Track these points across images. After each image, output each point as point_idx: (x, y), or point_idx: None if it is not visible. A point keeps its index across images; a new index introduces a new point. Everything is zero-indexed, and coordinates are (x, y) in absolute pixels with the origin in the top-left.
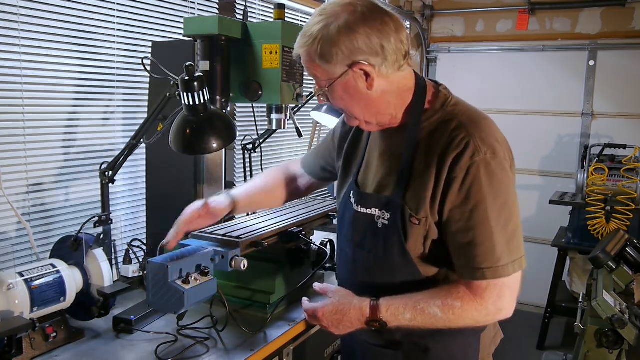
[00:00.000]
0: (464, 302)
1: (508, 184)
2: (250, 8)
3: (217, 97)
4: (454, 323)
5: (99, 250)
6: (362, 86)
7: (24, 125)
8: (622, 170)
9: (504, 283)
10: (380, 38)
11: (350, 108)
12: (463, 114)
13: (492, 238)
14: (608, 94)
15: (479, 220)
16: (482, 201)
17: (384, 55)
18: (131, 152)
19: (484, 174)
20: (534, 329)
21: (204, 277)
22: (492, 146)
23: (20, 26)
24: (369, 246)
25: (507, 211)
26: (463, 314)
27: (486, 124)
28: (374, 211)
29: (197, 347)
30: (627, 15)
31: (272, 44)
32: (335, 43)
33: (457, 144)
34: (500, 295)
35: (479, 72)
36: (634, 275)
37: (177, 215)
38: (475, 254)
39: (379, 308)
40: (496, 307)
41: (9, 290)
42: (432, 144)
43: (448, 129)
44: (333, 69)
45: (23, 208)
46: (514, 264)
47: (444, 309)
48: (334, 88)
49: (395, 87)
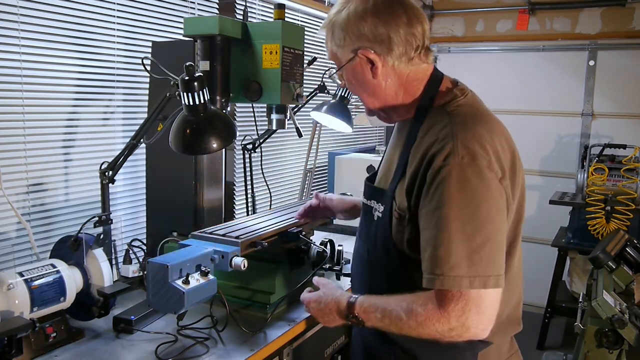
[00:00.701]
0: (427, 310)
1: (484, 193)
2: (250, 8)
3: (217, 97)
4: (418, 331)
5: (99, 250)
6: (368, 73)
7: (24, 125)
8: (622, 170)
9: (469, 298)
10: (388, 29)
11: (359, 94)
12: (459, 116)
13: (448, 245)
14: (608, 94)
15: (439, 224)
16: (446, 205)
17: (389, 45)
18: (131, 152)
19: (455, 179)
20: (534, 329)
21: (204, 277)
22: (473, 152)
23: (20, 26)
24: (365, 237)
25: (477, 222)
26: (426, 323)
27: (479, 129)
28: (372, 203)
29: (197, 347)
30: (627, 15)
31: (272, 44)
32: (344, 28)
33: (438, 143)
34: (465, 310)
35: (479, 72)
36: (634, 275)
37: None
38: (430, 258)
39: (355, 304)
40: (460, 323)
41: (9, 290)
42: (423, 141)
43: (438, 128)
44: (343, 53)
45: (23, 208)
46: (474, 280)
47: (408, 314)
48: (345, 72)
49: (404, 79)
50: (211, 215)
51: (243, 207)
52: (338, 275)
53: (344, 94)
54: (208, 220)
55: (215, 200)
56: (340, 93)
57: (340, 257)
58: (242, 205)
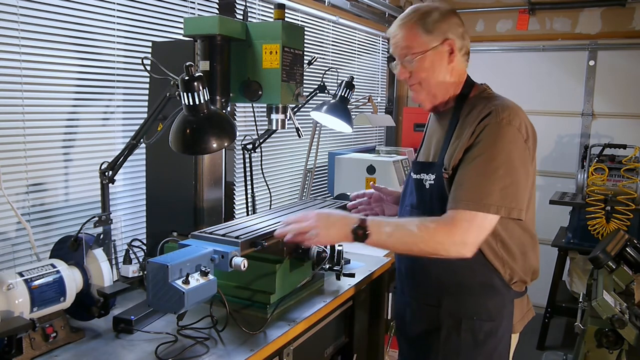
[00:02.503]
0: (438, 225)
1: (515, 147)
2: (250, 8)
3: (217, 97)
4: (425, 243)
5: (99, 250)
6: (445, 61)
7: (24, 125)
8: (622, 170)
9: (476, 220)
10: (462, 29)
11: (428, 80)
12: (494, 98)
13: (484, 181)
14: (608, 94)
15: (478, 165)
16: (485, 153)
17: (463, 42)
18: (131, 152)
19: (496, 132)
20: (534, 329)
21: (204, 277)
22: (510, 117)
23: (20, 26)
24: (419, 205)
25: (508, 167)
26: (434, 235)
27: (513, 107)
28: (422, 175)
29: (197, 347)
30: (627, 15)
31: (272, 44)
32: (438, 20)
33: (484, 112)
34: (469, 229)
35: (479, 72)
36: (634, 275)
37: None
38: (466, 188)
39: (367, 219)
40: (462, 239)
41: (9, 290)
42: (466, 120)
43: (479, 108)
44: (430, 40)
45: (23, 208)
46: (500, 208)
47: (420, 227)
48: (424, 58)
49: (459, 72)
50: (211, 215)
51: (243, 207)
52: (338, 276)
53: (344, 94)
54: (208, 220)
55: (215, 200)
56: (340, 93)
57: (340, 257)
58: (242, 205)
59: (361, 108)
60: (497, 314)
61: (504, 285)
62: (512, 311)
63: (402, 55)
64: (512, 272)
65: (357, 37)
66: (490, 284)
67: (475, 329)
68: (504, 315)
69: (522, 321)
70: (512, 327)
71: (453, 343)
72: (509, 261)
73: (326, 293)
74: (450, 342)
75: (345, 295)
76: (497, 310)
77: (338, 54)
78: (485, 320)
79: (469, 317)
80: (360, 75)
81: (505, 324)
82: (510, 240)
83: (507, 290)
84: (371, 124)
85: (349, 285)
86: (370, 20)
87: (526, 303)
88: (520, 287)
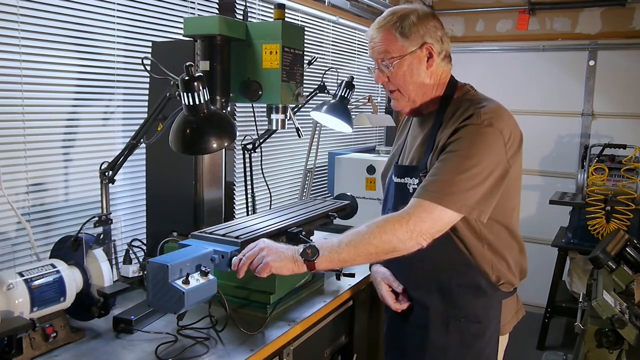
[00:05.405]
0: (391, 217)
1: (494, 150)
2: (250, 8)
3: (217, 97)
4: (377, 238)
5: (99, 250)
6: (423, 66)
7: (24, 125)
8: (622, 170)
9: (434, 212)
10: (441, 33)
11: (406, 85)
12: (478, 99)
13: (451, 175)
14: (608, 94)
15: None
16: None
17: (442, 46)
18: (131, 152)
19: (476, 133)
20: (534, 329)
21: (204, 277)
22: (492, 120)
23: (20, 26)
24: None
25: (481, 167)
26: (386, 226)
27: (496, 109)
28: (406, 179)
29: (197, 347)
30: (627, 15)
31: (272, 44)
32: (415, 24)
33: (466, 114)
34: (424, 218)
35: (479, 72)
36: (634, 275)
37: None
38: (431, 181)
39: (312, 242)
40: (417, 229)
41: (9, 290)
42: (450, 122)
43: (462, 109)
44: (408, 45)
45: (23, 208)
46: (462, 206)
47: (368, 225)
48: (401, 63)
49: (439, 75)
50: (211, 215)
51: (243, 207)
52: (338, 276)
53: (344, 94)
54: (208, 220)
55: (215, 200)
56: (340, 93)
57: None
58: (242, 205)
59: (361, 108)
60: (485, 315)
61: (491, 287)
62: (499, 312)
63: (379, 60)
64: (499, 273)
65: (357, 37)
66: (477, 285)
67: (462, 330)
68: (492, 317)
69: (511, 321)
70: (500, 328)
71: (440, 344)
72: (495, 263)
73: (326, 293)
74: (438, 344)
75: (345, 295)
76: (485, 312)
77: (338, 54)
78: (472, 322)
79: (457, 318)
80: (360, 75)
81: (493, 325)
82: (497, 242)
83: (495, 292)
84: (371, 124)
85: (349, 285)
86: (370, 20)
87: (515, 302)
88: (508, 287)
